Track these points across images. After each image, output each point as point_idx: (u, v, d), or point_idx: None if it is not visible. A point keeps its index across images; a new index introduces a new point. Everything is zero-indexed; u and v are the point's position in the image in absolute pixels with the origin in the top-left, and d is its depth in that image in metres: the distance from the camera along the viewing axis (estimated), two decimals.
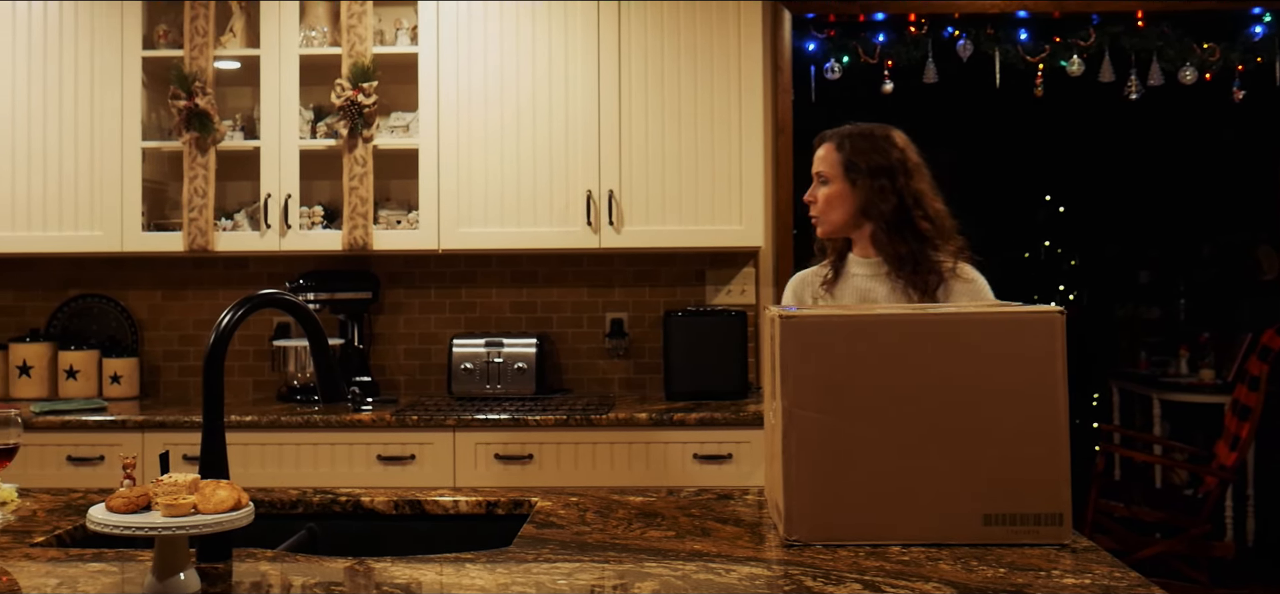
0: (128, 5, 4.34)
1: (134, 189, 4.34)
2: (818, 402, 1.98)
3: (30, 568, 1.91)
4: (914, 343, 2.00)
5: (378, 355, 4.66)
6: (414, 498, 2.47)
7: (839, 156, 2.72)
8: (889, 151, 2.70)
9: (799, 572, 1.83)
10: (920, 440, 1.97)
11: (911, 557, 1.90)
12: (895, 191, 2.66)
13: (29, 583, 1.83)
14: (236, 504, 1.77)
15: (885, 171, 2.67)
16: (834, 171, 2.73)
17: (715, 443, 3.89)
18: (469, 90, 4.27)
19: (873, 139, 2.72)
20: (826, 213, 2.75)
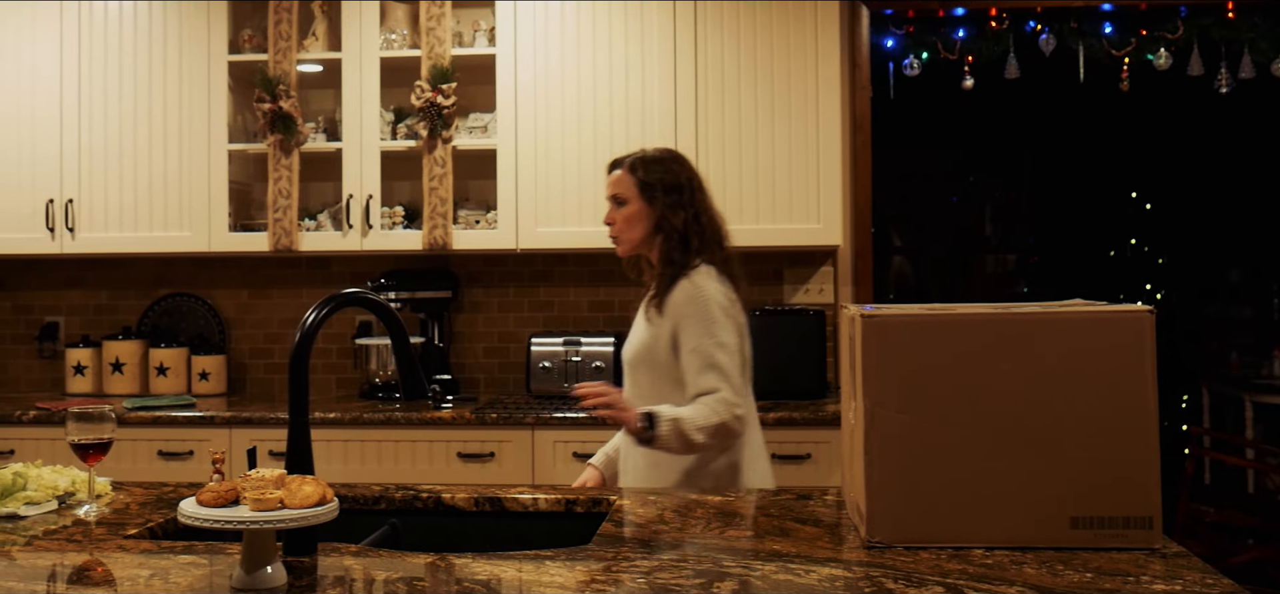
0: (213, 10, 4.44)
1: (221, 190, 4.44)
2: (899, 401, 1.96)
3: (124, 559, 1.97)
4: (999, 342, 1.96)
5: (457, 353, 4.71)
6: (494, 495, 2.49)
7: (634, 178, 2.86)
8: (679, 171, 2.87)
9: (880, 574, 1.81)
10: (1005, 441, 1.94)
11: (995, 560, 1.87)
12: (683, 207, 2.83)
13: (123, 573, 1.88)
14: (321, 499, 1.80)
15: (676, 189, 2.84)
16: (631, 193, 2.86)
17: (793, 442, 3.86)
18: (546, 90, 4.29)
19: (663, 161, 2.89)
20: (625, 232, 2.88)
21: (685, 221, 2.82)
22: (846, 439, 2.22)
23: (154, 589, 1.77)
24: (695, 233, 2.83)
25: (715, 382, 2.68)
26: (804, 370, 4.25)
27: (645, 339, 2.82)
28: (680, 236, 2.82)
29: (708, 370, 2.69)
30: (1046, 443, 1.94)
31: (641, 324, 2.87)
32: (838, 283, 4.58)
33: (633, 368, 2.87)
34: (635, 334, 2.88)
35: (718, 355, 2.70)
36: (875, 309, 2.01)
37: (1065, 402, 1.94)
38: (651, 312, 2.81)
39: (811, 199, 4.21)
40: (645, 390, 2.81)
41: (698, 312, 2.73)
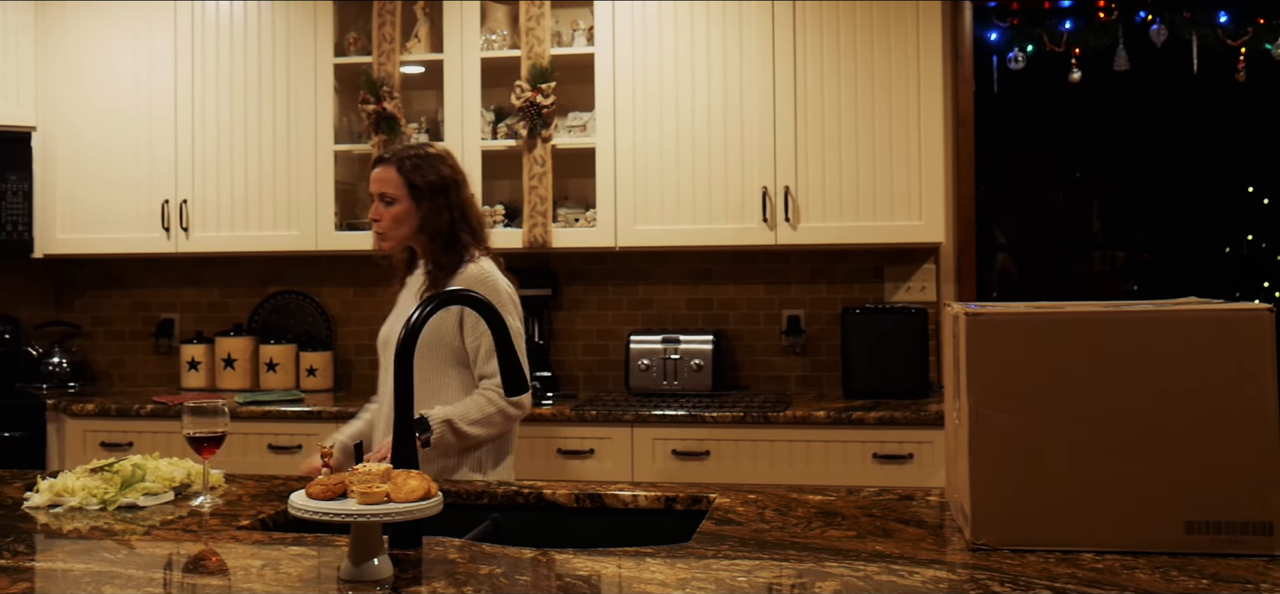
0: (319, 12, 4.54)
1: (327, 190, 4.54)
2: (1005, 401, 1.93)
3: (237, 549, 2.02)
4: (1108, 341, 1.91)
5: (557, 351, 4.74)
6: (594, 491, 2.50)
7: (401, 177, 2.89)
8: (442, 169, 2.94)
9: (985, 576, 1.78)
10: (1116, 442, 1.89)
11: (1105, 564, 1.83)
12: (449, 206, 2.91)
13: (236, 563, 1.93)
14: (426, 494, 1.83)
15: (442, 188, 2.91)
16: (399, 191, 2.90)
17: (895, 442, 3.82)
18: (644, 88, 4.30)
19: (429, 158, 2.94)
20: (393, 230, 2.93)
21: (451, 220, 2.91)
22: (950, 439, 2.19)
23: (265, 579, 1.82)
24: (463, 229, 2.93)
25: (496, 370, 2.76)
26: (905, 369, 4.19)
27: (429, 326, 2.83)
28: (447, 235, 2.91)
29: (492, 356, 2.83)
30: (1159, 445, 1.88)
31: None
32: (940, 280, 4.51)
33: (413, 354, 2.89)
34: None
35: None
36: (980, 307, 1.98)
37: (1179, 402, 1.88)
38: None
39: (913, 195, 4.15)
40: (426, 374, 2.86)
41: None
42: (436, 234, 2.91)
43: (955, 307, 2.06)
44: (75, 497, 2.38)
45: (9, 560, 1.96)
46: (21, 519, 2.30)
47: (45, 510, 2.36)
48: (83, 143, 4.72)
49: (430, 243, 2.93)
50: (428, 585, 1.79)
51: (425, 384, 2.86)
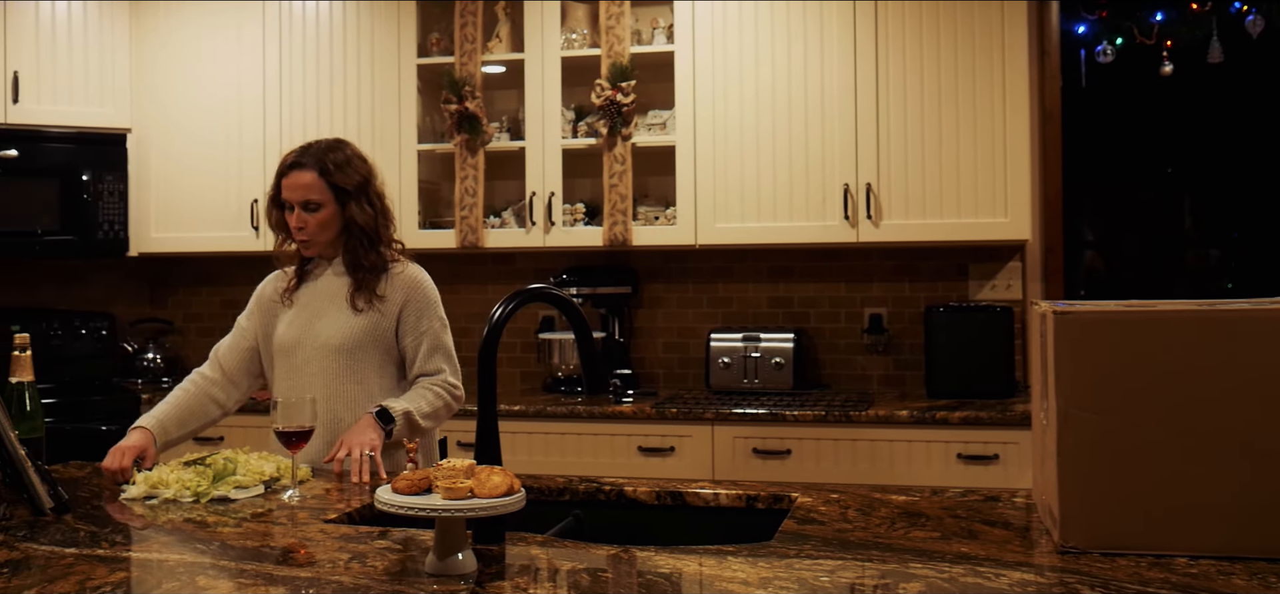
0: (403, 13, 4.60)
1: (411, 189, 4.60)
2: (1094, 401, 1.88)
3: (325, 542, 2.06)
4: (1202, 339, 1.86)
5: (637, 349, 4.75)
6: (675, 489, 2.50)
7: (326, 182, 2.84)
8: (361, 166, 2.92)
9: (1074, 580, 1.75)
10: (1210, 444, 1.84)
11: (1200, 569, 1.78)
12: (371, 204, 2.90)
13: (324, 556, 1.97)
14: (510, 490, 1.85)
15: (364, 187, 2.89)
16: (324, 195, 2.85)
17: (980, 443, 3.76)
18: (724, 86, 4.29)
19: (348, 158, 2.90)
20: (319, 235, 2.88)
21: (372, 218, 2.89)
22: (1038, 440, 2.15)
23: (352, 572, 1.85)
24: (382, 227, 2.92)
25: (441, 363, 2.92)
26: (991, 369, 4.13)
27: (364, 326, 2.87)
28: (371, 234, 2.89)
29: (434, 353, 2.91)
30: (1257, 447, 1.83)
31: (346, 313, 2.88)
32: (1026, 278, 4.44)
33: (335, 353, 2.87)
34: (342, 321, 2.88)
35: (444, 338, 2.95)
36: (1068, 305, 1.94)
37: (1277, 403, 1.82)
38: (359, 301, 2.87)
39: (998, 192, 4.08)
40: (358, 372, 2.88)
41: (424, 297, 2.93)
42: (361, 233, 2.88)
43: (1043, 305, 2.02)
44: (169, 489, 2.44)
45: (107, 550, 2.02)
46: (119, 511, 2.37)
47: (141, 502, 2.43)
48: (175, 143, 4.84)
49: (355, 243, 2.89)
50: (511, 581, 1.80)
51: (360, 386, 2.88)
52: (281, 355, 2.93)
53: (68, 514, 2.30)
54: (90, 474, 2.78)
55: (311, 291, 2.95)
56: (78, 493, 2.52)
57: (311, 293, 2.95)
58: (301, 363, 2.89)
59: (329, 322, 2.89)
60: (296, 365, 2.90)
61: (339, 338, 2.87)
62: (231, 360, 3.00)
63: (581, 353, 2.31)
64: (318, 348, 2.88)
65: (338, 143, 2.95)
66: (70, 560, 1.94)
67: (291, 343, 2.91)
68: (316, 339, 2.89)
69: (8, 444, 2.30)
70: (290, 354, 2.91)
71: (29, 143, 4.64)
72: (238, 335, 3.03)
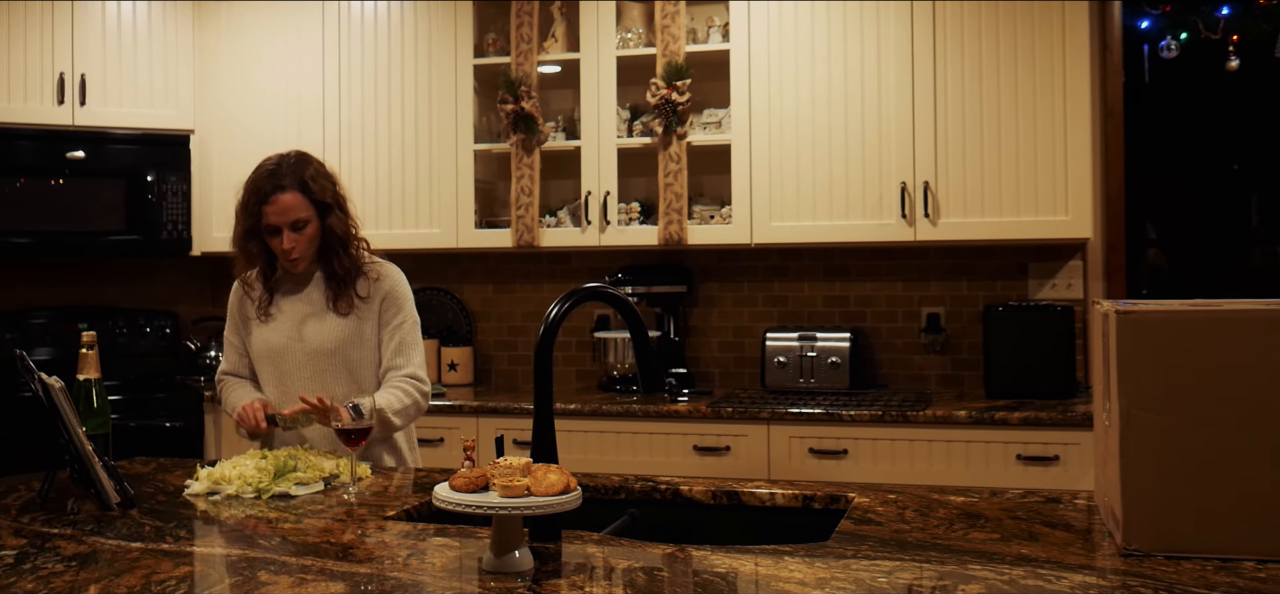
0: (459, 12, 4.63)
1: (468, 189, 4.63)
2: (1158, 402, 1.85)
3: (384, 538, 2.08)
4: (1270, 338, 1.82)
5: (692, 348, 4.75)
6: (731, 489, 2.50)
7: (306, 199, 2.89)
8: (330, 175, 2.98)
9: (1138, 583, 1.72)
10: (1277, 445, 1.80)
11: (1268, 573, 1.74)
12: (343, 210, 2.96)
13: (383, 552, 1.99)
14: (566, 488, 1.86)
15: (338, 198, 2.96)
16: (309, 213, 2.90)
17: (1040, 444, 3.72)
18: (780, 84, 4.27)
19: (322, 172, 2.96)
20: (307, 251, 2.93)
21: (345, 223, 2.96)
22: (1100, 441, 2.12)
23: (411, 568, 1.87)
24: (351, 230, 2.97)
25: (408, 361, 2.97)
26: (1051, 369, 4.08)
27: (350, 327, 2.94)
28: (345, 240, 2.94)
29: (403, 349, 2.97)
30: None
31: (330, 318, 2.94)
32: (1087, 277, 4.37)
33: (327, 356, 2.93)
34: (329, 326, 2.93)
35: (414, 335, 3.01)
36: (1130, 305, 1.91)
37: None
38: (341, 305, 2.94)
39: (1058, 190, 4.03)
40: (349, 372, 2.95)
41: (400, 298, 3.01)
42: (338, 241, 2.94)
43: (1105, 304, 1.99)
44: (232, 485, 2.48)
45: (171, 545, 2.06)
46: (182, 506, 2.41)
47: (204, 497, 2.47)
48: (236, 144, 4.91)
49: (330, 251, 2.95)
50: (567, 579, 1.81)
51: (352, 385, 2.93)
52: (267, 361, 2.99)
53: (133, 509, 2.35)
54: (155, 470, 2.83)
55: (289, 300, 3.00)
56: (143, 488, 2.57)
57: (289, 302, 2.99)
58: (292, 369, 2.95)
59: (315, 327, 2.95)
60: (287, 371, 2.96)
61: (330, 342, 2.94)
62: (247, 371, 3.10)
63: (637, 352, 2.32)
64: (308, 353, 2.94)
65: (303, 156, 2.99)
66: (136, 555, 1.98)
67: (278, 349, 2.97)
68: (306, 345, 2.94)
69: (76, 440, 2.35)
70: (277, 360, 2.97)
71: (95, 144, 4.74)
72: (233, 352, 3.11)
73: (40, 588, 1.78)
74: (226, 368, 3.11)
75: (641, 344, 2.30)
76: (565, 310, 2.14)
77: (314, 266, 2.99)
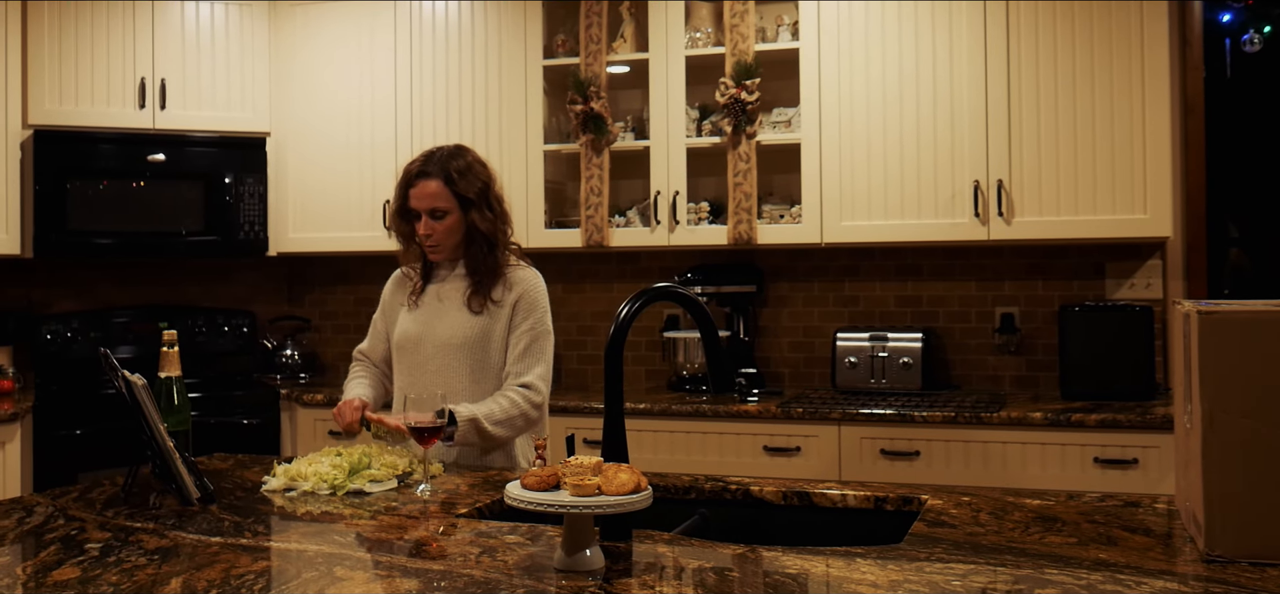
0: (530, 13, 4.66)
1: (537, 189, 4.66)
2: (1242, 405, 1.81)
3: (456, 536, 2.10)
4: None
5: (762, 347, 4.73)
6: (802, 489, 2.48)
7: (451, 190, 2.92)
8: (482, 173, 2.99)
9: (1220, 590, 1.68)
10: None
11: None
12: (490, 209, 2.96)
13: (455, 549, 2.00)
14: (637, 487, 1.86)
15: (485, 195, 2.96)
16: (449, 203, 2.93)
17: (1118, 446, 3.64)
18: (850, 82, 4.24)
19: (469, 165, 2.97)
20: (446, 241, 2.96)
21: (492, 222, 2.96)
22: (1181, 444, 2.07)
23: (483, 565, 1.88)
24: (500, 230, 2.98)
25: (527, 369, 2.93)
26: (1129, 370, 4.00)
27: (480, 326, 2.94)
28: (490, 238, 2.95)
29: (525, 355, 2.94)
30: None
31: (464, 314, 2.95)
32: (1167, 277, 4.28)
33: (454, 351, 2.93)
34: (460, 321, 2.95)
35: (542, 343, 2.98)
36: (1212, 305, 1.87)
37: None
38: (475, 303, 2.95)
39: (1136, 188, 3.95)
40: (474, 371, 2.94)
41: (531, 303, 2.99)
42: (483, 239, 2.95)
43: (1186, 304, 1.95)
44: (307, 481, 2.52)
45: (250, 540, 2.09)
46: (260, 502, 2.45)
47: (281, 494, 2.51)
48: (310, 146, 4.99)
49: (476, 248, 2.96)
50: (638, 578, 1.81)
51: (476, 384, 2.93)
52: (403, 352, 3.02)
53: (213, 504, 2.39)
54: (234, 466, 2.89)
55: (434, 293, 3.03)
56: (222, 484, 2.62)
57: (434, 294, 3.03)
58: (423, 360, 2.98)
59: (449, 321, 2.97)
60: (419, 362, 2.98)
61: (458, 337, 2.95)
62: (380, 356, 3.16)
63: (708, 352, 2.31)
64: (438, 346, 2.96)
65: (459, 149, 3.02)
66: (215, 549, 2.02)
67: (414, 340, 3.00)
68: (437, 338, 2.96)
69: (158, 436, 2.40)
70: (412, 351, 3.00)
71: (175, 147, 4.84)
72: (375, 335, 3.18)
73: (124, 580, 1.82)
74: (362, 346, 3.20)
75: (712, 344, 2.29)
76: (636, 310, 2.15)
77: (462, 264, 3.01)
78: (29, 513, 2.35)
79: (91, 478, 3.46)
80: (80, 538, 2.11)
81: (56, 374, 4.89)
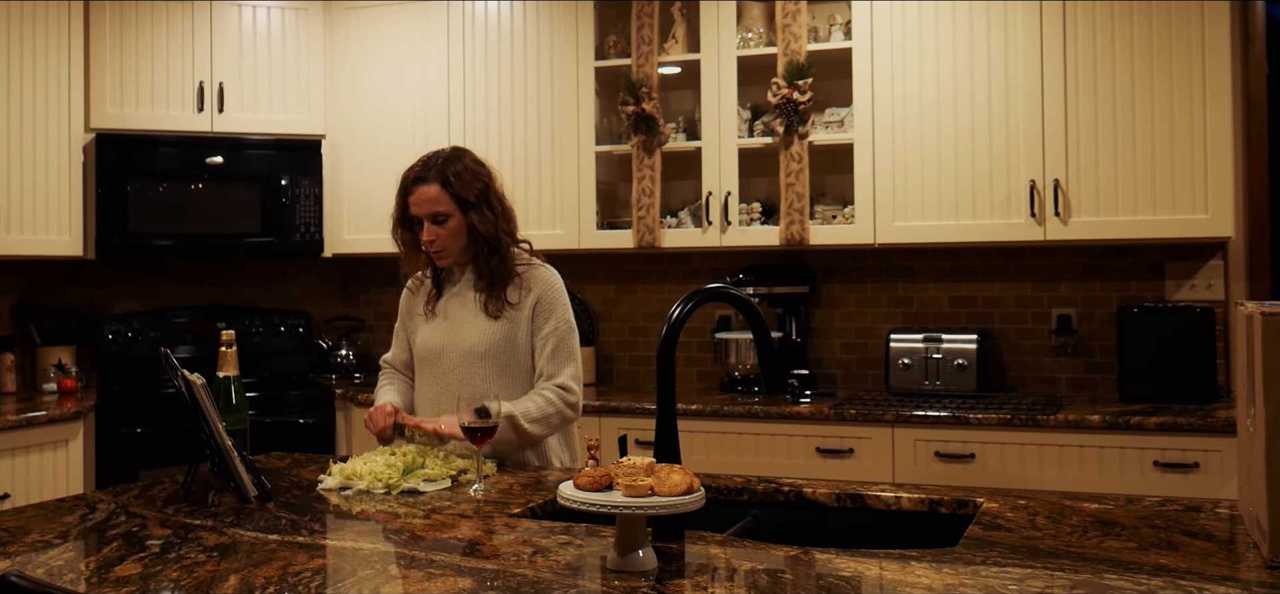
0: (581, 13, 4.67)
1: (589, 190, 4.67)
2: None
3: (509, 535, 2.11)
4: None
5: (814, 349, 4.71)
6: (855, 491, 2.47)
7: (449, 193, 2.89)
8: (480, 173, 2.96)
9: None
10: None
11: None
12: (491, 209, 2.93)
13: (508, 548, 2.01)
14: (689, 488, 1.86)
15: (485, 196, 2.93)
16: (449, 207, 2.90)
17: (1178, 450, 3.58)
18: (903, 82, 4.21)
19: (467, 167, 2.94)
20: (451, 245, 2.93)
21: (494, 222, 2.93)
22: (1244, 448, 2.03)
23: (536, 565, 1.89)
24: (503, 231, 2.95)
25: (558, 369, 2.90)
26: (1190, 372, 3.93)
27: (501, 331, 2.92)
28: (493, 240, 2.93)
29: (556, 355, 2.91)
30: None
31: (482, 320, 2.93)
32: (1229, 278, 4.20)
33: (478, 358, 2.91)
34: (481, 328, 2.93)
35: (568, 340, 2.94)
36: (1276, 306, 1.83)
37: None
38: (492, 307, 2.93)
39: (1197, 187, 3.88)
40: (499, 376, 2.92)
41: (551, 303, 2.95)
42: (484, 241, 2.92)
43: (1249, 306, 1.91)
44: (363, 480, 2.54)
45: (306, 538, 2.12)
46: (316, 500, 2.48)
47: (336, 492, 2.54)
48: (364, 148, 5.04)
49: (478, 250, 2.94)
50: (690, 579, 1.81)
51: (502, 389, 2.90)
52: (426, 363, 3.02)
53: (270, 502, 2.42)
54: (290, 465, 2.92)
55: (450, 301, 3.02)
56: (279, 482, 2.65)
57: (450, 302, 3.01)
58: (447, 369, 2.97)
59: (469, 329, 2.95)
60: (443, 372, 2.97)
61: (480, 345, 2.93)
62: (403, 364, 3.16)
63: (760, 353, 2.30)
64: (461, 355, 2.95)
65: (457, 152, 3.01)
66: (273, 546, 2.04)
67: (436, 350, 2.99)
68: (460, 346, 2.95)
69: (216, 435, 2.43)
70: (435, 362, 2.99)
71: (232, 150, 4.91)
72: (398, 344, 3.18)
73: (184, 576, 1.85)
74: (388, 356, 3.21)
75: (764, 345, 2.29)
76: (688, 311, 2.15)
77: (471, 268, 3.01)
78: (92, 509, 2.40)
79: (152, 475, 3.52)
80: (142, 534, 2.15)
81: (118, 373, 4.98)
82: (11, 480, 4.05)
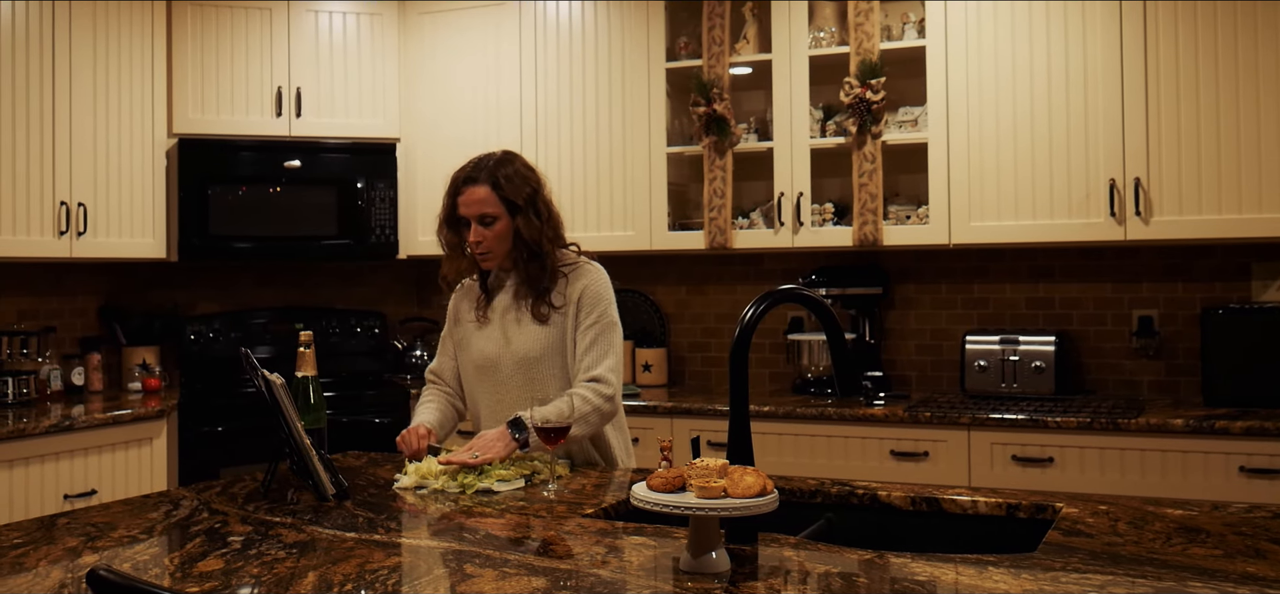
0: (652, 14, 4.68)
1: (660, 191, 4.67)
2: None
3: (582, 536, 2.12)
4: None
5: (888, 350, 4.66)
6: (931, 495, 2.44)
7: (498, 195, 2.88)
8: (530, 177, 2.95)
9: None
10: None
11: None
12: (538, 214, 2.91)
13: (581, 549, 2.02)
14: (763, 490, 1.85)
15: (532, 200, 2.92)
16: (497, 209, 2.89)
17: (1266, 455, 3.49)
18: (978, 80, 4.15)
19: (517, 171, 2.92)
20: (497, 248, 2.92)
21: (538, 228, 2.91)
22: None
23: (609, 566, 1.89)
24: (547, 236, 2.93)
25: (595, 364, 2.87)
26: (1277, 376, 3.82)
27: (552, 335, 2.91)
28: (537, 244, 2.91)
29: (592, 352, 2.88)
30: None
31: (533, 325, 2.92)
32: None
33: (534, 364, 2.90)
34: (533, 333, 2.92)
35: (609, 336, 2.91)
36: None
37: None
38: (540, 311, 2.92)
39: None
40: (556, 378, 2.91)
41: (594, 297, 2.93)
42: (526, 246, 2.90)
43: None
44: (437, 480, 2.57)
45: (383, 536, 2.14)
46: (392, 498, 2.51)
47: (412, 491, 2.57)
48: (438, 149, 5.09)
49: (519, 254, 2.92)
50: (764, 582, 1.80)
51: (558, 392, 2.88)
52: (484, 372, 2.99)
53: (347, 501, 2.46)
54: (366, 463, 2.96)
55: (500, 308, 3.00)
56: (355, 481, 2.69)
57: (501, 310, 3.00)
58: (505, 378, 2.95)
59: (523, 337, 2.94)
60: (501, 381, 2.96)
61: (536, 350, 2.92)
62: (452, 375, 3.14)
63: (834, 354, 2.28)
64: (517, 363, 2.93)
65: (508, 155, 3.00)
66: (350, 544, 2.07)
67: (493, 359, 2.97)
68: (515, 355, 2.94)
69: (295, 434, 2.47)
70: (493, 371, 2.97)
71: (310, 154, 4.99)
72: (444, 353, 3.16)
73: (264, 572, 1.88)
74: (433, 366, 3.19)
75: (838, 346, 2.27)
76: (761, 312, 2.14)
77: (516, 273, 3.01)
78: (175, 506, 2.45)
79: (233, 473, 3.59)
80: (223, 531, 2.19)
81: (200, 373, 5.09)
82: (98, 477, 4.16)
